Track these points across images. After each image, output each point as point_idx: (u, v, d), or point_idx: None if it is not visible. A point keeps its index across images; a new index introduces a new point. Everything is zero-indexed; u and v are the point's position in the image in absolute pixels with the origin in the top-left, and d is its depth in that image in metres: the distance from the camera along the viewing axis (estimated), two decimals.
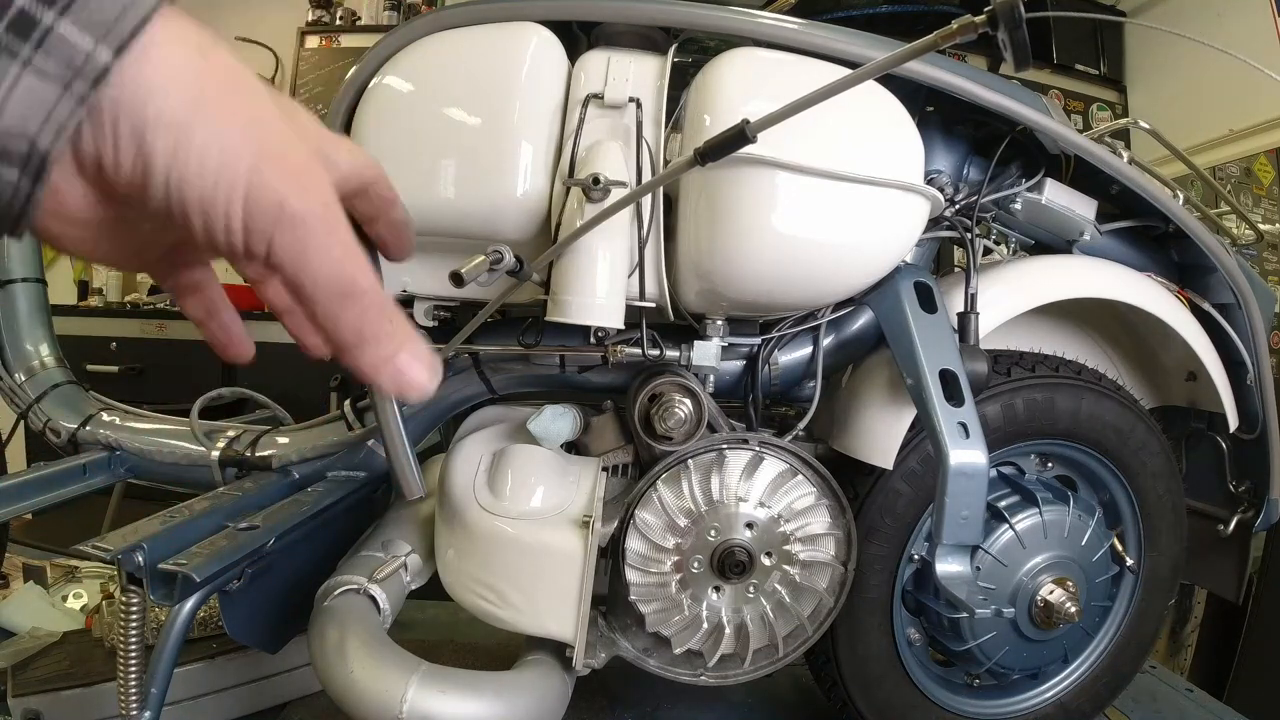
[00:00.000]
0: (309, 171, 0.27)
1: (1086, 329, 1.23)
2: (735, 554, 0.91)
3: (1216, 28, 2.36)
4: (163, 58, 0.24)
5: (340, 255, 0.27)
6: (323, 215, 0.26)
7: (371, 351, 0.28)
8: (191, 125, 0.25)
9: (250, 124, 0.26)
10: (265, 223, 0.25)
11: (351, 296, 0.27)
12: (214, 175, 0.25)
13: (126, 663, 0.75)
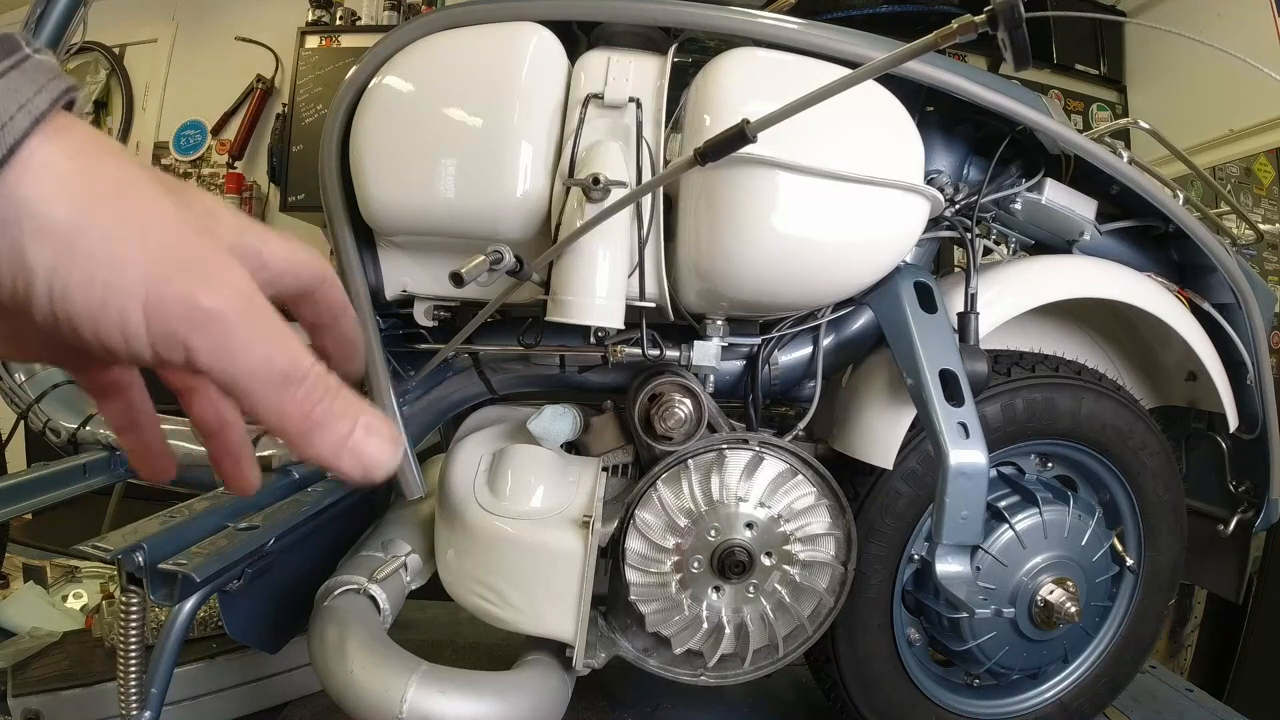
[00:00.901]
0: (218, 264, 0.25)
1: (1086, 329, 1.22)
2: (735, 554, 0.91)
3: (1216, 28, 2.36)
4: (43, 165, 0.23)
5: (272, 340, 0.24)
6: (242, 306, 0.24)
7: (325, 436, 0.25)
8: (76, 233, 0.23)
9: (145, 225, 0.24)
10: (175, 326, 0.23)
11: (292, 382, 0.25)
12: (103, 284, 0.23)
13: (126, 663, 0.75)
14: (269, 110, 2.90)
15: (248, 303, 0.24)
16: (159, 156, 2.97)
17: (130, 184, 0.25)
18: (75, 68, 2.93)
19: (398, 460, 0.27)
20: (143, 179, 0.25)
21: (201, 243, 0.25)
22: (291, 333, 0.25)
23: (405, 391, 1.00)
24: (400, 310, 1.00)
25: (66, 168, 0.24)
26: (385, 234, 0.93)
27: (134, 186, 0.25)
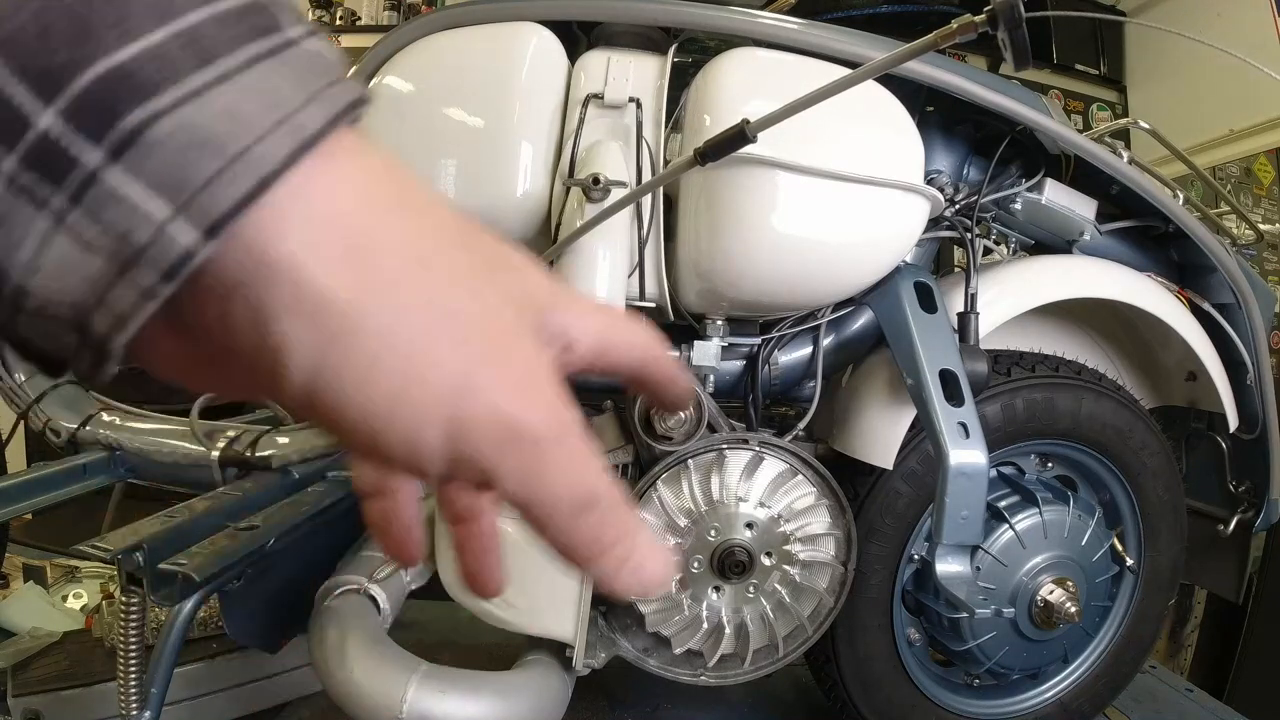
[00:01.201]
0: (535, 368, 0.20)
1: (1086, 329, 1.22)
2: (735, 554, 0.91)
3: (1216, 28, 2.36)
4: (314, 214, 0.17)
5: (579, 465, 0.20)
6: (558, 426, 0.20)
7: (609, 558, 0.22)
8: (358, 321, 0.17)
9: (453, 316, 0.18)
10: (483, 449, 0.19)
11: (589, 508, 0.21)
12: (391, 393, 0.17)
13: (126, 663, 0.75)
14: None
15: (562, 420, 0.20)
16: None
17: (434, 250, 0.19)
18: None
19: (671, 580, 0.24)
20: (448, 238, 0.19)
21: (518, 339, 0.20)
22: (594, 452, 0.21)
23: None
24: None
25: (350, 221, 0.17)
26: None
27: (439, 253, 0.19)
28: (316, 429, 0.21)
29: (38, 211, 0.15)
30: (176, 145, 0.15)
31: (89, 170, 0.15)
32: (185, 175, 0.15)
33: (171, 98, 0.15)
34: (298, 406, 0.18)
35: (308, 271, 0.17)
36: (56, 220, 0.15)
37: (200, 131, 0.15)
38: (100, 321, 0.16)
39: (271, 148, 0.16)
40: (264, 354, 0.17)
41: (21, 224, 0.15)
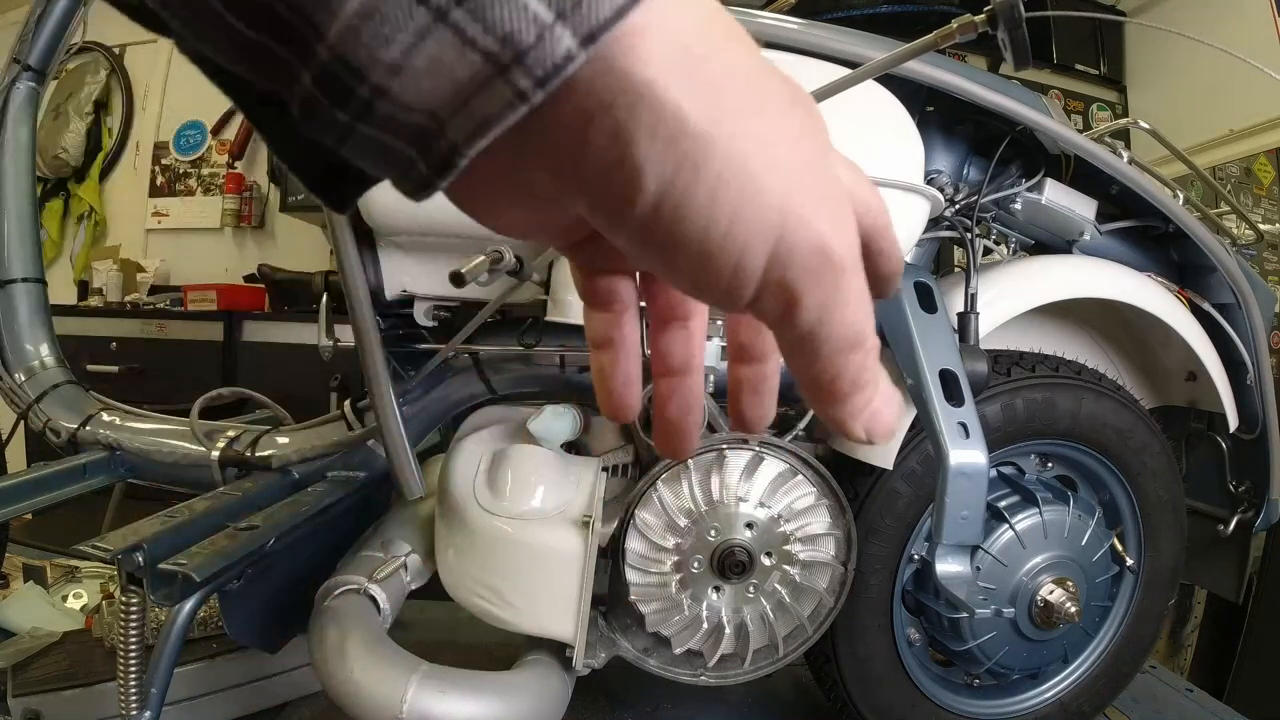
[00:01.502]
0: (846, 203, 0.21)
1: (1086, 329, 1.22)
2: (735, 554, 0.91)
3: (1216, 27, 2.36)
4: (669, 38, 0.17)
5: (863, 305, 0.21)
6: (856, 258, 0.20)
7: (858, 400, 0.23)
8: (710, 144, 0.18)
9: (787, 144, 0.19)
10: (798, 275, 0.19)
11: (858, 346, 0.21)
12: (731, 213, 0.18)
13: (126, 663, 0.75)
14: None
15: (858, 255, 0.21)
16: (159, 156, 2.97)
17: (767, 83, 0.19)
18: (75, 68, 2.94)
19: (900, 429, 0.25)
20: (771, 72, 0.20)
21: (832, 176, 0.20)
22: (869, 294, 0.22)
23: (405, 391, 1.00)
24: (400, 310, 1.00)
25: (698, 48, 0.18)
26: (385, 234, 0.93)
27: (770, 86, 0.19)
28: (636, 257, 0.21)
29: (417, 4, 0.15)
30: None
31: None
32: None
33: None
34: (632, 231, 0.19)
35: (668, 96, 0.17)
36: (437, 16, 0.15)
37: None
38: (457, 128, 0.16)
39: None
40: (618, 172, 0.18)
41: (398, 17, 0.15)
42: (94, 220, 2.98)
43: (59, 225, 2.99)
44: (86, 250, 2.96)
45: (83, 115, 2.91)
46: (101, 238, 2.99)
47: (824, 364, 0.21)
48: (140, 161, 2.99)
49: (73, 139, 2.90)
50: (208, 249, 2.89)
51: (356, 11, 0.15)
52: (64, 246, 3.02)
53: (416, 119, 0.16)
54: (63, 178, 2.97)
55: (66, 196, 3.00)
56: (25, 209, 1.25)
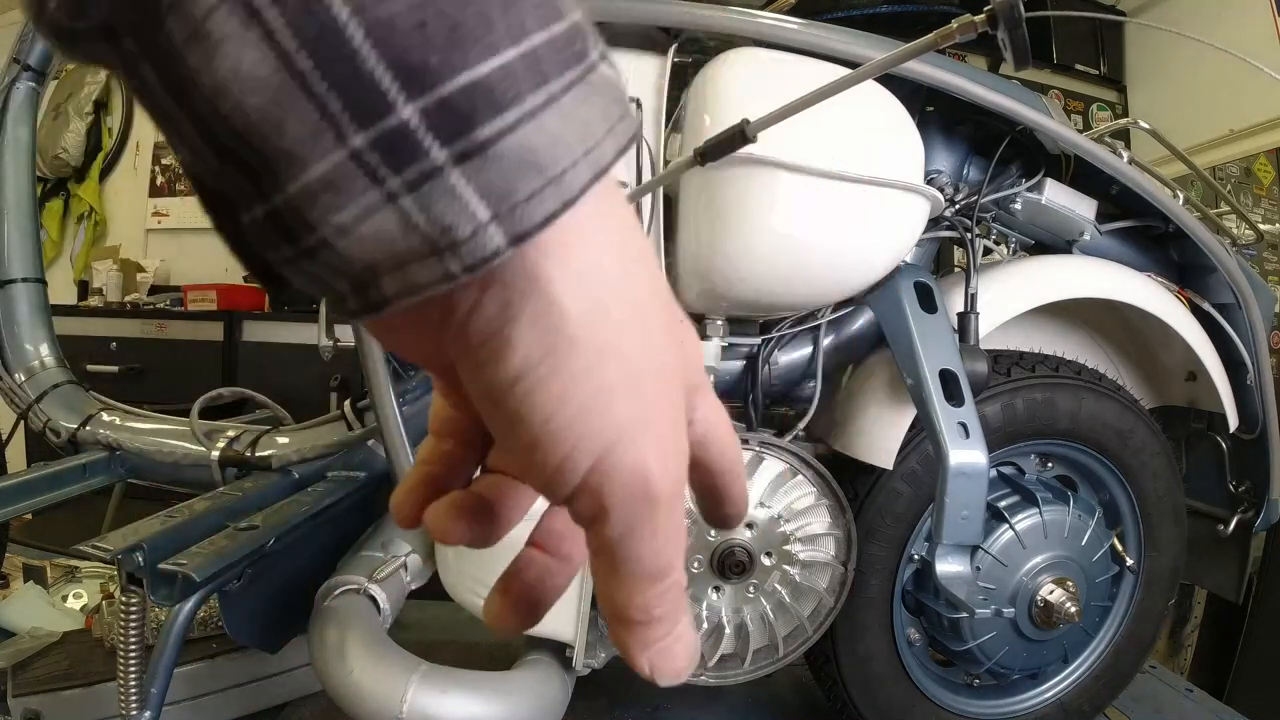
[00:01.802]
0: (678, 439, 0.21)
1: (1086, 329, 1.22)
2: (735, 554, 0.91)
3: (1216, 27, 2.36)
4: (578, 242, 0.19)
5: (672, 539, 0.22)
6: (674, 495, 0.21)
7: (646, 634, 0.23)
8: (577, 344, 0.19)
9: (646, 366, 0.20)
10: (611, 493, 0.20)
11: (657, 581, 0.22)
12: (573, 415, 0.19)
13: (126, 663, 0.75)
14: None
15: (678, 492, 0.21)
16: (159, 156, 2.97)
17: (652, 306, 0.21)
18: (75, 68, 2.94)
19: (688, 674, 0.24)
20: (661, 297, 0.21)
21: (677, 403, 0.21)
22: (684, 533, 0.22)
23: (405, 391, 1.00)
24: None
25: (603, 261, 0.19)
26: None
27: (654, 310, 0.21)
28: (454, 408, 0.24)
29: (371, 185, 0.16)
30: (512, 161, 0.17)
31: (433, 166, 0.16)
32: (511, 188, 0.17)
33: (515, 115, 0.17)
34: (487, 392, 0.20)
35: (560, 295, 0.19)
36: (388, 199, 0.16)
37: (532, 152, 0.17)
38: (390, 285, 0.18)
39: (577, 175, 0.18)
40: (492, 341, 0.19)
41: (351, 193, 0.16)
42: (94, 220, 2.98)
43: (59, 225, 2.99)
44: (86, 250, 2.96)
45: (83, 115, 2.91)
46: (101, 238, 2.99)
47: (620, 584, 0.22)
48: (140, 161, 2.99)
49: (73, 139, 2.90)
50: (208, 249, 2.88)
51: (318, 178, 0.16)
52: (64, 246, 3.01)
53: (355, 269, 0.17)
54: (63, 178, 2.97)
55: (66, 196, 3.00)
56: (25, 209, 1.25)
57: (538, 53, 0.17)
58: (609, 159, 0.18)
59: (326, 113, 0.16)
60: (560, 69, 0.18)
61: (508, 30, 0.17)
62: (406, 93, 0.16)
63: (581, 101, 0.18)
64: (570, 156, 0.17)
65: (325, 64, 0.15)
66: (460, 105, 0.16)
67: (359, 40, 0.15)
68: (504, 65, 0.16)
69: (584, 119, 0.18)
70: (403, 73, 0.16)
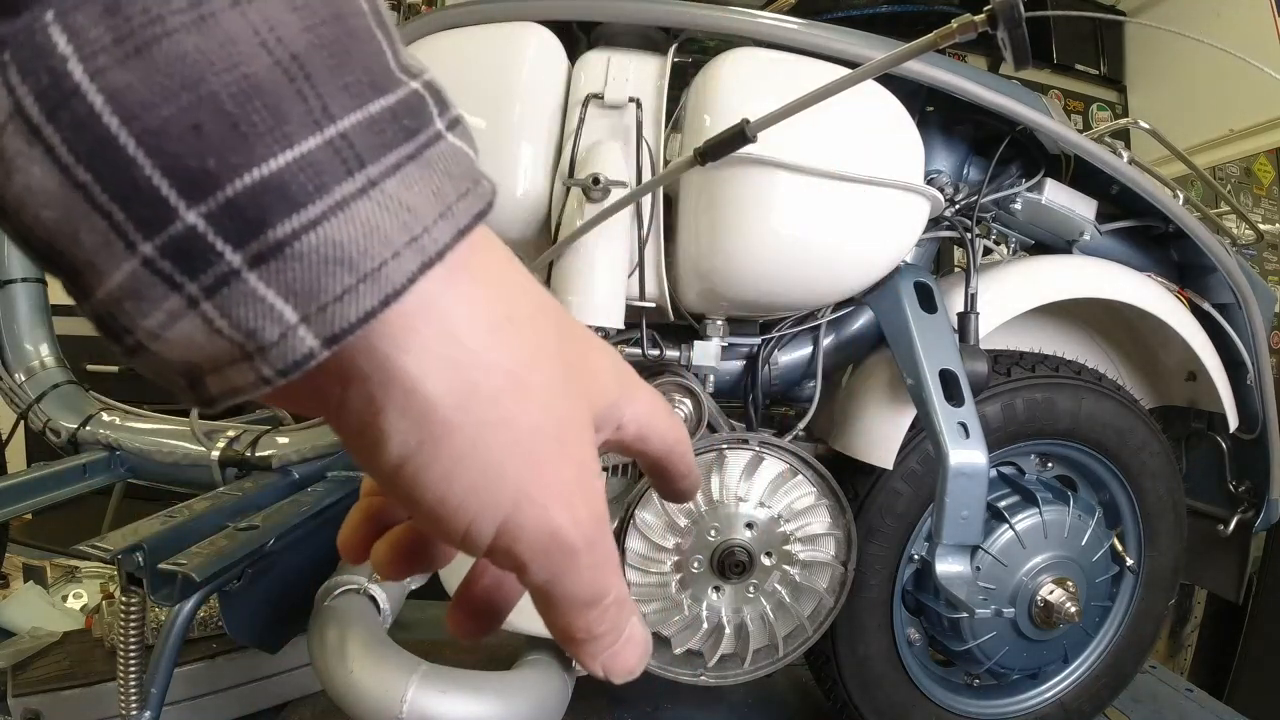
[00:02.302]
0: (587, 483, 0.22)
1: (1086, 329, 1.22)
2: (735, 554, 0.91)
3: (1216, 28, 2.36)
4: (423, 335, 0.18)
5: (600, 571, 0.22)
6: (591, 538, 0.21)
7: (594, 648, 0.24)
8: (451, 430, 0.19)
9: (532, 431, 0.20)
10: (524, 549, 0.21)
11: (595, 605, 0.23)
12: (464, 490, 0.19)
13: (126, 663, 0.75)
14: None
15: (597, 532, 0.22)
16: None
17: (529, 368, 0.20)
18: None
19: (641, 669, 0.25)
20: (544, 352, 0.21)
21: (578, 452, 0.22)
22: (615, 553, 0.23)
23: None
24: None
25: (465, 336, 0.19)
26: None
27: (532, 371, 0.20)
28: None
29: (170, 292, 0.16)
30: (316, 260, 0.16)
31: (228, 270, 0.16)
32: (318, 288, 0.16)
33: (318, 210, 0.16)
34: (381, 479, 0.20)
35: (421, 382, 0.18)
36: (189, 304, 0.16)
37: (338, 249, 0.16)
38: (215, 384, 0.17)
39: (400, 266, 0.17)
40: (368, 432, 0.19)
41: (153, 300, 0.16)
42: None
43: None
44: None
45: None
46: None
47: (558, 616, 0.23)
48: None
49: None
50: None
51: (118, 286, 0.16)
52: None
53: (177, 369, 0.17)
54: None
55: None
56: None
57: (349, 137, 0.16)
58: (443, 242, 0.17)
59: (113, 222, 0.15)
60: (382, 150, 0.17)
61: (306, 118, 0.16)
62: (187, 199, 0.15)
63: (411, 183, 0.17)
64: (389, 248, 0.17)
65: (103, 176, 0.15)
66: (248, 206, 0.15)
67: (132, 149, 0.15)
68: (302, 157, 0.16)
69: (410, 203, 0.17)
70: (180, 178, 0.15)
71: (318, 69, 0.16)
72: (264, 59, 0.15)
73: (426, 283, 0.18)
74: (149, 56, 0.15)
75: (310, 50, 0.16)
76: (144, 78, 0.15)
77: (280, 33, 0.15)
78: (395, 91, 0.17)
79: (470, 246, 0.19)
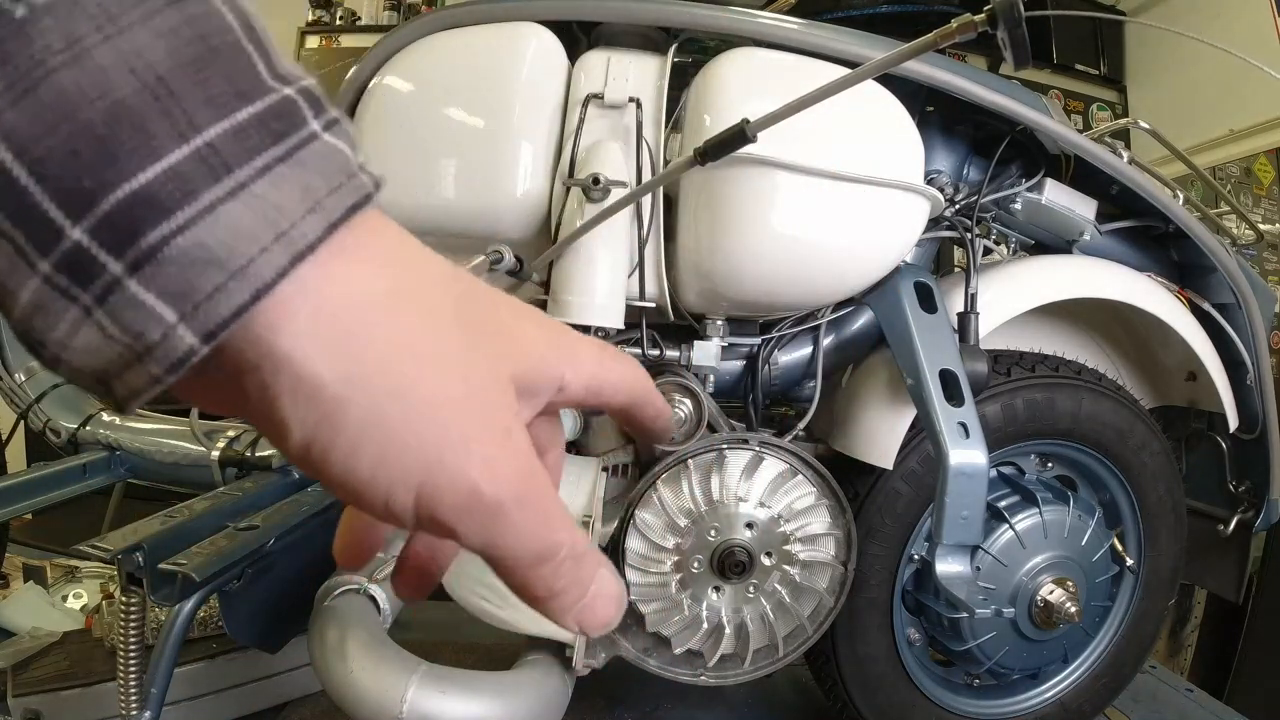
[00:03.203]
0: (502, 440, 0.22)
1: (1086, 329, 1.23)
2: (735, 554, 0.91)
3: (1216, 27, 2.36)
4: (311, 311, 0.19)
5: (539, 524, 0.23)
6: (519, 492, 0.22)
7: (559, 603, 0.24)
8: (343, 404, 0.20)
9: (428, 396, 0.21)
10: (446, 513, 0.21)
11: (545, 560, 0.23)
12: (371, 462, 0.20)
13: (126, 663, 0.75)
14: None
15: (526, 486, 0.22)
16: None
17: (420, 333, 0.21)
18: None
19: (618, 620, 0.26)
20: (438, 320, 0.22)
21: (489, 412, 0.22)
22: (559, 505, 0.24)
23: None
24: None
25: (346, 316, 0.20)
26: None
27: (425, 338, 0.21)
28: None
29: (69, 304, 0.18)
30: (186, 261, 0.17)
31: (112, 278, 0.17)
32: (191, 287, 0.18)
33: (186, 216, 0.17)
34: (298, 463, 0.21)
35: (305, 363, 0.19)
36: (85, 313, 0.18)
37: (206, 250, 0.18)
38: (120, 388, 0.19)
39: (269, 260, 0.18)
40: (269, 421, 0.20)
41: (56, 313, 0.18)
42: None
43: None
44: None
45: None
46: None
47: (511, 575, 0.23)
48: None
49: None
50: None
51: (28, 303, 0.18)
52: None
53: (89, 376, 0.19)
54: None
55: None
56: None
57: (215, 145, 0.18)
58: (314, 235, 0.19)
59: (16, 246, 0.17)
60: (249, 155, 0.18)
61: (172, 132, 0.17)
62: (73, 217, 0.17)
63: (281, 183, 0.18)
64: (256, 245, 0.18)
65: (6, 206, 0.17)
66: (123, 217, 0.17)
67: (25, 179, 0.16)
68: (170, 168, 0.17)
69: (278, 202, 0.18)
70: (65, 200, 0.17)
71: (182, 87, 0.17)
72: (132, 84, 0.17)
73: (301, 272, 0.19)
74: (35, 96, 0.16)
75: (175, 71, 0.17)
76: (32, 116, 0.16)
77: (147, 58, 0.17)
78: (264, 99, 0.19)
79: (351, 233, 0.20)
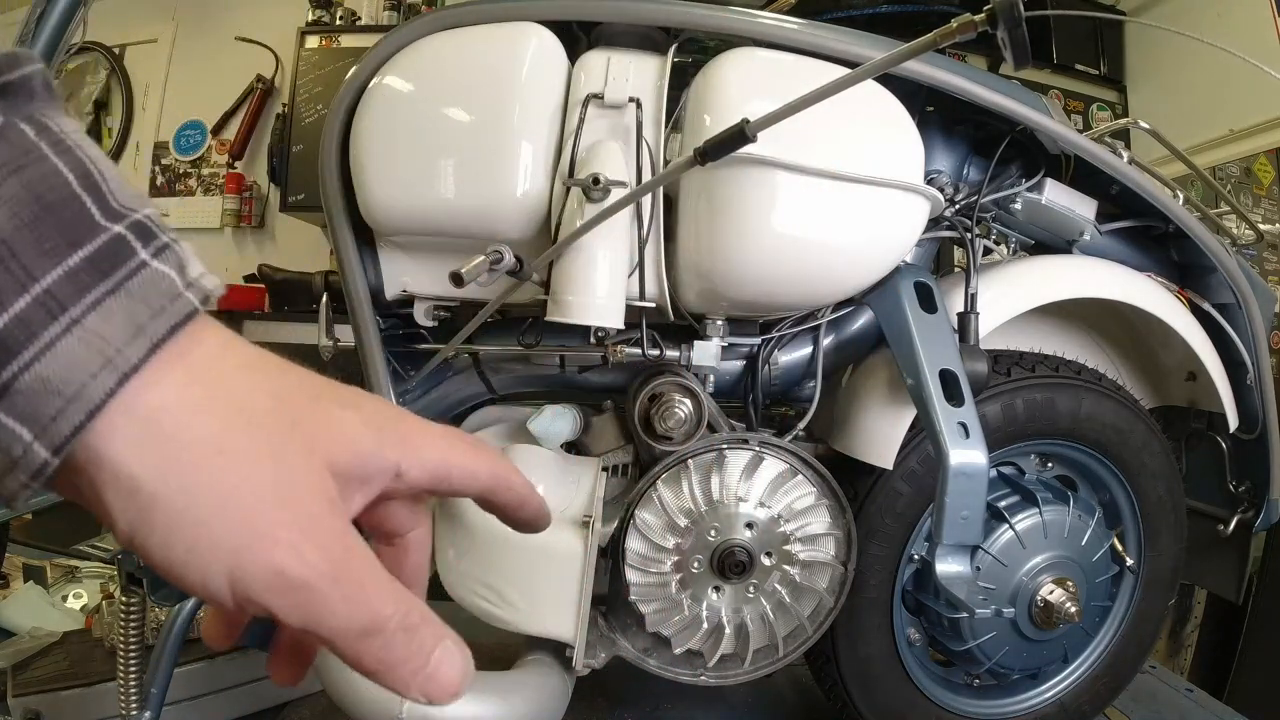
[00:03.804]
0: (309, 526, 0.24)
1: (1086, 329, 1.22)
2: (735, 554, 0.91)
3: (1216, 28, 2.36)
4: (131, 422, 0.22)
5: (358, 600, 0.24)
6: (329, 571, 0.24)
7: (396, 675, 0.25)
8: (154, 501, 0.22)
9: (233, 491, 0.23)
10: (259, 593, 0.23)
11: (371, 634, 0.24)
12: (184, 549, 0.23)
13: (126, 663, 0.75)
14: (269, 110, 2.89)
15: (336, 566, 0.24)
16: (159, 156, 2.97)
17: (230, 431, 0.24)
18: (75, 68, 2.94)
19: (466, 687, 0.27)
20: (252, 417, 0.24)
21: (298, 499, 0.24)
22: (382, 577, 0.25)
23: (405, 391, 1.00)
24: (400, 310, 1.00)
25: (166, 420, 0.23)
26: (385, 234, 0.93)
27: (233, 434, 0.24)
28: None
29: None
30: (33, 392, 0.21)
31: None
32: (39, 412, 0.21)
33: (30, 355, 0.21)
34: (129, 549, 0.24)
35: (124, 465, 0.22)
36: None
37: (47, 381, 0.21)
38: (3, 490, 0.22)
39: (98, 384, 0.21)
40: (101, 514, 0.23)
41: None
42: None
43: None
44: None
45: (82, 115, 2.91)
46: None
47: (338, 651, 0.24)
48: (140, 161, 2.98)
49: None
50: (207, 249, 2.88)
51: None
52: None
53: None
54: None
55: None
56: None
57: (51, 290, 0.21)
58: (137, 357, 0.22)
59: None
60: (80, 294, 0.21)
61: (14, 284, 0.21)
62: None
63: (109, 314, 0.22)
64: (87, 372, 0.21)
65: None
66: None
67: None
68: (15, 316, 0.20)
69: (104, 333, 0.22)
70: None
71: (20, 244, 0.21)
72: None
73: (128, 389, 0.22)
74: None
75: (14, 232, 0.21)
76: None
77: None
78: (94, 241, 0.22)
79: (176, 346, 0.23)
